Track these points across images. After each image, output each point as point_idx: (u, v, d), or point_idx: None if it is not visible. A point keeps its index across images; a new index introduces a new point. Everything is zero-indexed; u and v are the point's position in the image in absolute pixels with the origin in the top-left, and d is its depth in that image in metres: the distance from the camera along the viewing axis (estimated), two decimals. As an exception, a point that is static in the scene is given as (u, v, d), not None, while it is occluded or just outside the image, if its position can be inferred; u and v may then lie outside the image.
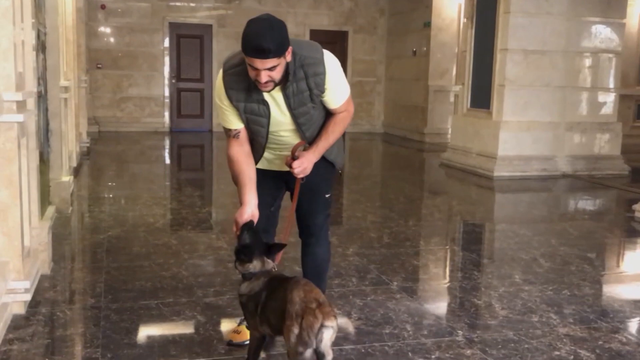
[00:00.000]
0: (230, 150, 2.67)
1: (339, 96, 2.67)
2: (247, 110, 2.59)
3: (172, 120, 13.54)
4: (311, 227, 2.88)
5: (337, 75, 2.62)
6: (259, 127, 2.64)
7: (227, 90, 2.57)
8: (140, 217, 5.50)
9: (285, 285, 2.35)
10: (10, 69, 3.06)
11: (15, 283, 3.12)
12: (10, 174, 3.11)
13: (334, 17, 13.93)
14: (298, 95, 2.56)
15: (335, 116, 2.72)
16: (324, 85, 2.57)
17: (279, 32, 2.37)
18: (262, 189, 2.72)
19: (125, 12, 12.86)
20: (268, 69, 2.37)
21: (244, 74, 2.48)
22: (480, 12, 8.80)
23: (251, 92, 2.54)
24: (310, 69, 2.53)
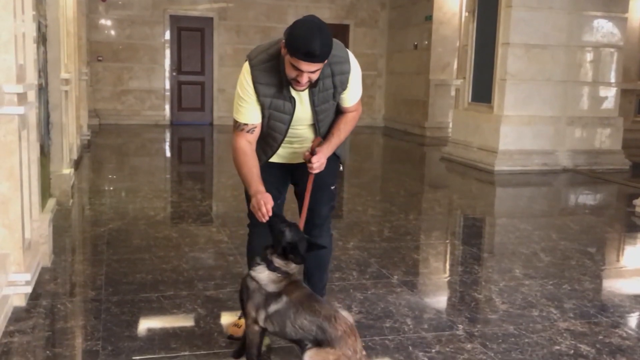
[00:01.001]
0: (238, 143, 2.63)
1: (355, 96, 2.73)
2: (272, 106, 2.58)
3: (172, 113, 13.52)
4: (315, 218, 2.86)
5: (358, 75, 2.68)
6: (279, 124, 2.64)
7: (256, 84, 2.55)
8: (140, 209, 5.50)
9: (324, 312, 2.31)
10: (11, 61, 3.05)
11: (15, 275, 3.13)
12: (11, 166, 3.11)
13: (335, 10, 13.89)
14: (323, 93, 2.58)
15: (346, 115, 2.76)
16: (347, 83, 2.62)
17: (327, 36, 2.39)
18: (268, 182, 2.71)
19: (126, 4, 12.82)
20: (311, 72, 2.41)
21: (274, 70, 2.50)
22: (482, 6, 8.77)
23: (281, 89, 2.54)
24: (337, 67, 2.57)
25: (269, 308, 2.41)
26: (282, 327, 2.39)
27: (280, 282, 2.45)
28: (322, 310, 2.34)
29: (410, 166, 9.66)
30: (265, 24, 13.50)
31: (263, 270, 2.47)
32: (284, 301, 2.40)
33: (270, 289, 2.44)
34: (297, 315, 2.35)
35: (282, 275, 2.46)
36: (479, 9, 8.83)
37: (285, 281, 2.46)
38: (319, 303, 2.39)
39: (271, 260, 2.47)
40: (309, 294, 2.45)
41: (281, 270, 2.46)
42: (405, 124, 13.42)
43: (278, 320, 2.39)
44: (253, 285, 2.46)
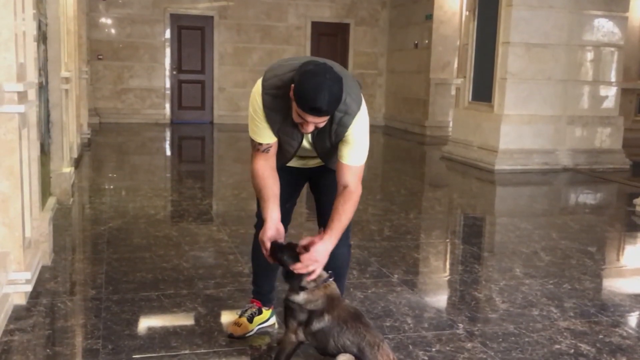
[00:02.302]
0: (255, 165, 2.56)
1: (353, 155, 2.53)
2: (280, 131, 2.53)
3: (172, 112, 13.52)
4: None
5: (360, 135, 2.51)
6: (289, 147, 2.59)
7: (265, 108, 2.47)
8: (141, 208, 5.50)
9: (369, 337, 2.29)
10: (12, 59, 3.05)
11: (16, 274, 3.13)
12: (11, 164, 3.11)
13: (335, 9, 13.89)
14: (321, 134, 2.50)
15: (345, 191, 2.52)
16: (343, 136, 2.49)
17: (337, 90, 2.28)
18: (282, 184, 2.65)
19: (126, 3, 12.82)
20: (317, 122, 2.34)
21: (284, 99, 2.40)
22: (482, 5, 8.77)
23: (288, 118, 2.45)
24: (339, 116, 2.43)
25: (312, 326, 2.38)
26: (325, 344, 2.36)
27: (317, 299, 2.40)
28: (367, 334, 2.31)
29: (411, 165, 9.66)
30: (265, 22, 13.49)
31: (298, 294, 2.42)
32: (326, 320, 2.36)
33: (311, 307, 2.40)
34: (340, 334, 2.32)
35: (314, 287, 2.41)
36: (480, 8, 8.82)
37: (321, 293, 2.41)
38: (365, 326, 2.34)
39: (307, 283, 2.42)
40: (354, 314, 2.40)
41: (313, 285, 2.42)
42: (406, 122, 13.42)
43: (321, 337, 2.36)
44: (294, 306, 2.43)
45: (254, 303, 2.99)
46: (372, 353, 2.26)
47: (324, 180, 2.78)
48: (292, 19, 13.53)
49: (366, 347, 2.27)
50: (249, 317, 2.93)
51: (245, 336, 2.89)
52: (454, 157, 9.07)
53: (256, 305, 2.98)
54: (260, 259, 2.73)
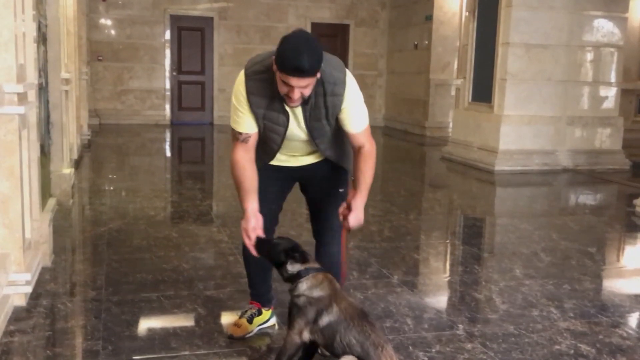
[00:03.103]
0: (235, 155, 2.62)
1: (356, 120, 2.62)
2: (266, 117, 2.56)
3: (172, 113, 13.52)
4: (324, 224, 2.83)
5: (355, 99, 2.59)
6: (275, 135, 2.62)
7: (249, 95, 2.53)
8: (141, 209, 5.50)
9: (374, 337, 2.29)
10: (12, 60, 3.05)
11: (16, 275, 3.13)
12: (11, 165, 3.11)
13: (335, 10, 13.89)
14: (315, 110, 2.54)
15: (362, 152, 2.64)
16: (341, 106, 2.55)
17: (316, 50, 2.33)
18: (269, 185, 2.73)
19: (126, 4, 12.82)
20: (301, 87, 2.37)
21: (268, 82, 2.47)
22: (482, 6, 8.77)
23: (273, 101, 2.51)
24: (330, 87, 2.50)
25: (321, 321, 2.37)
26: (332, 340, 2.35)
27: (321, 282, 2.42)
28: (372, 334, 2.31)
29: (411, 166, 9.66)
30: (265, 23, 13.50)
31: (301, 284, 2.44)
32: (334, 312, 2.36)
33: (317, 294, 2.40)
34: (347, 331, 2.32)
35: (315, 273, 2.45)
36: (479, 9, 8.82)
37: (321, 276, 2.44)
38: (370, 325, 2.34)
39: (295, 271, 2.45)
40: (360, 311, 2.41)
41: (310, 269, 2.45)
42: (406, 123, 13.42)
43: (329, 333, 2.35)
44: (302, 301, 2.42)
45: (253, 304, 2.99)
46: (375, 354, 2.26)
47: (314, 182, 2.81)
48: (292, 19, 13.53)
49: (370, 348, 2.27)
50: (248, 318, 2.93)
51: (245, 337, 2.90)
52: (454, 157, 9.07)
53: (255, 306, 2.98)
54: (252, 261, 2.79)
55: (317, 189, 2.82)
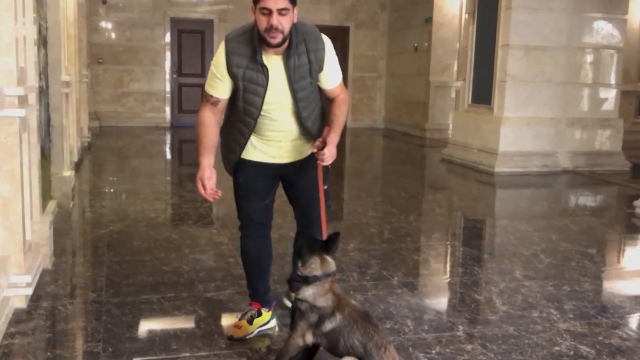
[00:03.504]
0: (202, 114, 2.81)
1: (334, 76, 2.83)
2: (245, 77, 2.67)
3: (173, 116, 13.54)
4: (311, 220, 2.92)
5: (333, 53, 2.78)
6: (254, 97, 2.70)
7: (229, 55, 2.67)
8: (141, 211, 5.51)
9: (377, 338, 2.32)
10: (12, 63, 3.06)
11: (16, 277, 3.14)
12: (12, 168, 3.12)
13: (335, 13, 13.92)
14: (299, 68, 2.68)
15: (336, 100, 2.87)
16: (323, 60, 2.72)
17: None
18: (256, 183, 2.88)
19: (126, 6, 12.85)
20: (280, 10, 2.52)
21: (248, 42, 2.65)
22: (481, 8, 8.78)
23: (253, 61, 2.65)
24: (311, 44, 2.69)
25: (323, 327, 2.39)
26: (336, 344, 2.37)
27: (326, 292, 2.44)
28: (375, 335, 2.32)
29: (411, 168, 9.66)
30: (265, 26, 13.50)
31: (306, 289, 2.46)
32: (338, 319, 2.38)
33: (321, 304, 2.42)
34: (350, 334, 2.34)
35: (325, 281, 2.45)
36: (479, 11, 8.84)
37: (328, 286, 2.45)
38: (373, 327, 2.36)
39: (307, 274, 2.47)
40: (363, 313, 2.43)
41: (322, 276, 2.46)
42: (406, 125, 13.43)
43: (333, 338, 2.38)
44: (305, 306, 2.45)
45: (253, 305, 3.01)
46: (378, 355, 2.27)
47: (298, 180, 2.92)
48: (292, 22, 13.53)
49: (373, 349, 2.29)
50: (248, 319, 2.95)
51: (245, 338, 2.90)
52: (454, 159, 9.08)
53: (255, 307, 3.00)
54: (250, 260, 2.97)
55: (302, 184, 2.92)
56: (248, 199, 2.93)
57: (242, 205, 2.96)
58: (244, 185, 2.92)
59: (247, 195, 2.93)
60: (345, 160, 10.12)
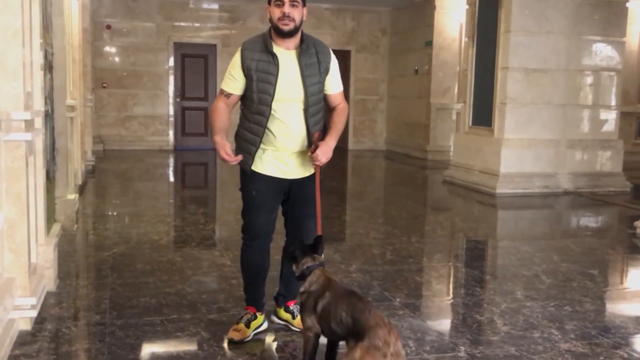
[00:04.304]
0: (216, 103, 3.09)
1: (338, 82, 3.17)
2: (259, 68, 2.95)
3: (176, 139, 13.62)
4: (303, 232, 3.12)
5: (337, 65, 3.15)
6: (267, 85, 2.94)
7: (243, 51, 3.00)
8: (144, 234, 5.55)
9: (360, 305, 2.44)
10: (19, 88, 3.12)
11: (21, 299, 3.16)
12: (18, 191, 3.16)
13: (336, 37, 14.05)
14: (310, 65, 2.99)
15: (337, 108, 3.18)
16: (329, 64, 3.07)
17: None
18: (267, 196, 3.10)
19: (130, 32, 13.00)
20: (291, 2, 2.89)
21: (260, 40, 3.01)
22: (481, 31, 8.88)
23: (265, 51, 2.96)
24: (320, 49, 3.06)
25: (317, 307, 2.57)
26: (329, 323, 2.51)
27: (318, 278, 2.67)
28: (358, 304, 2.46)
29: (412, 189, 9.70)
30: (267, 50, 13.62)
31: (303, 283, 2.71)
32: (327, 297, 2.57)
33: (314, 288, 2.64)
34: (337, 308, 2.48)
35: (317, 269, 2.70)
36: (479, 35, 8.94)
37: (319, 272, 2.68)
38: (357, 297, 2.54)
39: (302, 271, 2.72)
40: (349, 291, 2.65)
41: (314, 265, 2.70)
42: (407, 147, 13.49)
43: (326, 316, 2.53)
44: (304, 297, 2.68)
45: (249, 309, 3.24)
46: (364, 317, 2.36)
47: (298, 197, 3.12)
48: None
49: (359, 315, 2.39)
50: (246, 323, 3.18)
51: (244, 341, 3.10)
52: (456, 181, 9.12)
53: (251, 311, 3.23)
54: (250, 268, 3.20)
55: (300, 200, 3.13)
56: (257, 211, 3.11)
57: (250, 217, 3.15)
58: (255, 197, 3.10)
59: (256, 208, 3.11)
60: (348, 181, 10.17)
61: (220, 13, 13.36)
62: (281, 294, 3.36)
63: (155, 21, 13.06)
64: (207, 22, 13.31)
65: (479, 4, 8.92)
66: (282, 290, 3.35)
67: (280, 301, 3.37)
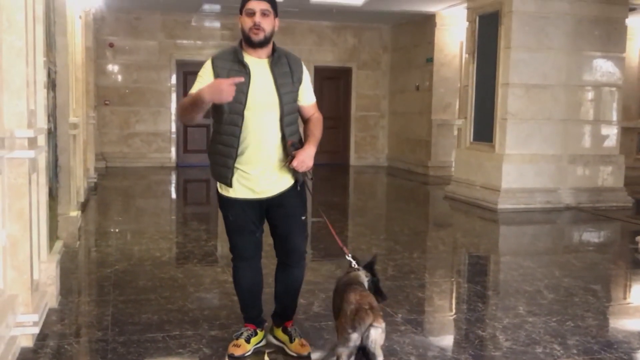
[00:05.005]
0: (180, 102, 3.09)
1: (311, 94, 3.12)
2: (230, 75, 2.87)
3: (178, 156, 13.66)
4: (290, 249, 3.12)
5: (309, 77, 3.13)
6: (239, 94, 2.83)
7: (214, 61, 2.98)
8: (146, 251, 5.55)
9: (346, 287, 2.71)
10: (23, 106, 3.16)
11: (23, 316, 3.17)
12: (21, 208, 3.18)
13: (338, 54, 14.14)
14: (283, 74, 2.96)
15: (311, 118, 3.12)
16: (302, 74, 3.03)
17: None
18: (245, 219, 3.06)
19: (133, 50, 13.09)
20: (262, 11, 2.88)
21: (230, 52, 3.00)
22: (481, 48, 8.94)
23: (236, 61, 2.95)
24: (292, 60, 3.04)
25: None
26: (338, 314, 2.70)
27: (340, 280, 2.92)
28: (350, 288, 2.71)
29: (414, 205, 9.70)
30: (269, 67, 13.70)
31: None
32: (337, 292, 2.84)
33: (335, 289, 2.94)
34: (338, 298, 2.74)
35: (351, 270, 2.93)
36: (479, 51, 9.00)
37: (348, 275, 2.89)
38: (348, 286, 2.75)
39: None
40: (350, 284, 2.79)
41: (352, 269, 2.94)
42: (409, 163, 13.51)
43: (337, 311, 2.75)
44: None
45: (249, 327, 3.24)
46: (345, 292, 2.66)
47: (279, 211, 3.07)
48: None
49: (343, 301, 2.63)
50: (246, 339, 3.18)
51: (244, 356, 3.11)
52: (457, 196, 9.12)
53: (251, 328, 3.23)
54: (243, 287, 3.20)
55: (282, 216, 3.08)
56: (240, 234, 3.10)
57: (234, 241, 3.14)
58: (234, 222, 3.07)
59: (238, 231, 3.10)
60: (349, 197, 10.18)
61: (222, 31, 13.46)
62: (277, 314, 3.31)
63: (157, 39, 13.16)
64: (209, 40, 13.41)
65: (479, 21, 8.99)
66: (278, 310, 3.30)
67: (277, 321, 3.31)
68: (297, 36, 13.60)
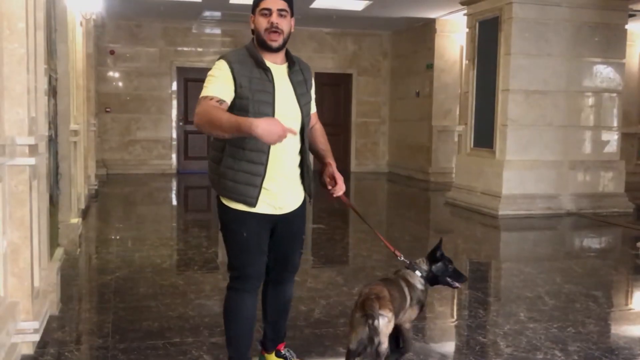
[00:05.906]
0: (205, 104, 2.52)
1: (314, 103, 2.93)
2: (253, 86, 2.59)
3: (179, 162, 13.67)
4: (289, 266, 2.94)
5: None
6: (265, 105, 2.59)
7: (232, 64, 2.61)
8: (147, 258, 5.55)
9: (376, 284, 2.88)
10: (24, 113, 3.16)
11: (24, 324, 3.16)
12: (22, 215, 3.18)
13: (338, 60, 14.17)
14: (300, 83, 2.76)
15: (316, 127, 2.98)
16: (311, 81, 2.87)
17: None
18: (260, 237, 2.74)
19: (133, 56, 13.13)
20: (279, 11, 2.61)
21: (246, 55, 2.67)
22: (481, 54, 8.96)
23: (255, 71, 2.62)
24: (304, 66, 2.84)
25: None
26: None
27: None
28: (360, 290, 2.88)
29: (415, 211, 9.70)
30: (269, 73, 13.72)
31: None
32: None
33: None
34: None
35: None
36: (479, 57, 9.02)
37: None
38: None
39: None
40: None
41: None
42: (410, 169, 13.52)
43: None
44: None
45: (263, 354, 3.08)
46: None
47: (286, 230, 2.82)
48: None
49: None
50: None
51: None
52: (458, 202, 9.12)
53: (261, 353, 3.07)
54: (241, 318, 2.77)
55: (289, 234, 2.85)
56: (252, 252, 2.73)
57: (244, 260, 2.74)
58: (248, 239, 2.70)
59: (252, 251, 2.73)
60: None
61: (223, 38, 13.50)
62: (269, 338, 3.03)
63: (158, 46, 13.19)
64: (209, 47, 13.44)
65: (479, 27, 9.01)
66: (270, 333, 3.02)
67: (269, 346, 3.04)
68: (297, 43, 13.62)
